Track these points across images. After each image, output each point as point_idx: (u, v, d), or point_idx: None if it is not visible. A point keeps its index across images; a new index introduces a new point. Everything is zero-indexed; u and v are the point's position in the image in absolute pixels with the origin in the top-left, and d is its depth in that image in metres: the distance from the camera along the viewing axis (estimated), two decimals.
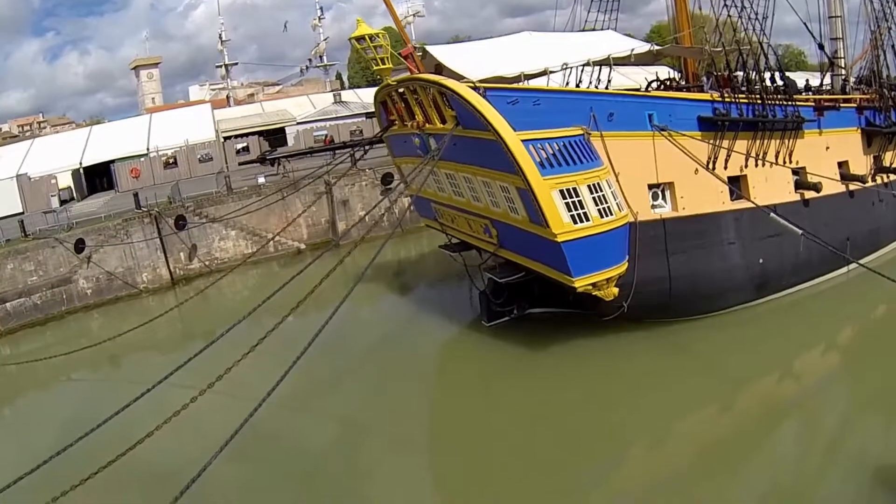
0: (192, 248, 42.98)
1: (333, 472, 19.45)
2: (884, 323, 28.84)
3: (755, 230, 26.84)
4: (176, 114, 62.76)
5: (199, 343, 32.57)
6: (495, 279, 25.32)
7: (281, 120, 59.45)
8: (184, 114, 62.06)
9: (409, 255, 41.61)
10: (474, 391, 24.23)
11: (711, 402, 22.31)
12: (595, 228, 22.00)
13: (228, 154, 54.21)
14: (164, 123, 60.49)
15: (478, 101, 21.23)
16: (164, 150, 56.23)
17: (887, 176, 35.49)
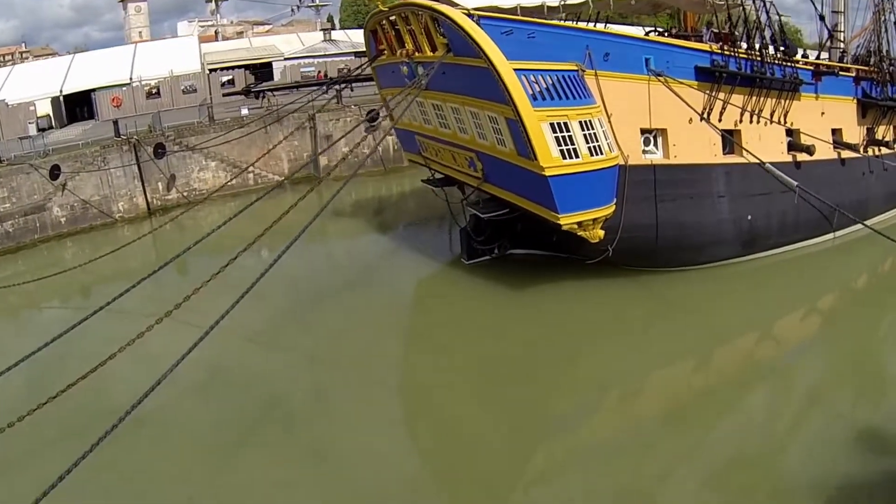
0: (170, 178, 41.94)
1: (299, 411, 18.85)
2: (865, 292, 28.76)
3: (746, 186, 26.60)
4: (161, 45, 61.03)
5: (172, 274, 32.01)
6: (478, 214, 24.74)
7: (268, 55, 58.00)
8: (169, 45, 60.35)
9: (391, 194, 40.99)
10: (448, 330, 23.71)
11: (689, 355, 21.99)
12: (584, 166, 21.48)
13: (213, 86, 52.86)
14: (148, 54, 58.77)
15: (471, 27, 20.56)
16: (148, 81, 54.69)
17: (879, 149, 35.30)
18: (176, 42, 62.21)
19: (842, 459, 15.61)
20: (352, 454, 16.47)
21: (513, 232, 26.06)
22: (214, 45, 61.81)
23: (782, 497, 14.37)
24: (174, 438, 17.14)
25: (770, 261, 28.61)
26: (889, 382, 19.97)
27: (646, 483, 15.50)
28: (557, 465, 16.75)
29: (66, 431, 16.65)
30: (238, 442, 17.14)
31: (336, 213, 37.40)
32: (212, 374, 20.21)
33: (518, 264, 26.29)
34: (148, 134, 42.92)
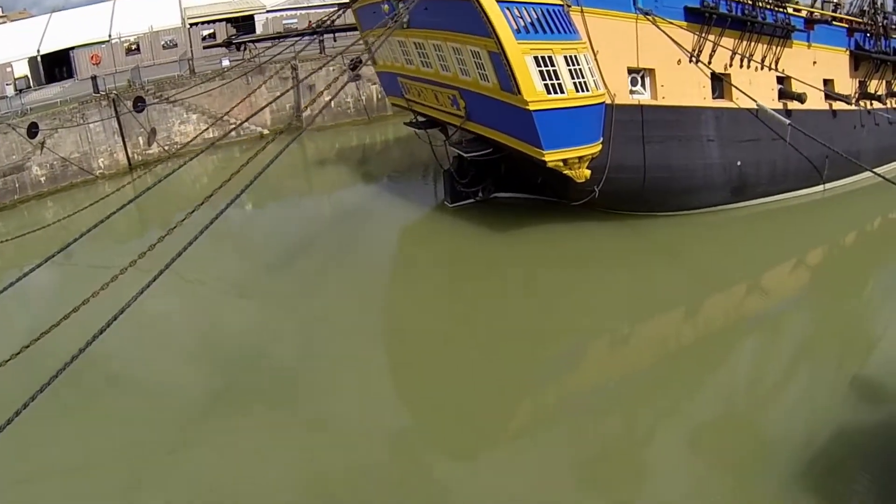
0: (150, 132, 41.00)
1: (289, 366, 18.24)
2: (855, 246, 28.46)
3: (735, 131, 26.13)
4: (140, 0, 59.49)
5: (156, 230, 31.33)
6: (461, 154, 24.13)
7: (250, 8, 56.68)
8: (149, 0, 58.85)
9: (376, 143, 40.33)
10: (432, 277, 23.35)
11: (678, 304, 21.63)
12: (569, 102, 20.90)
13: (194, 41, 51.71)
14: (127, 10, 57.15)
15: None
16: (127, 37, 53.41)
17: (871, 103, 34.82)
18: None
19: (829, 415, 15.20)
20: (341, 406, 16.00)
21: (497, 174, 25.51)
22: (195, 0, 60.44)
23: (769, 453, 13.90)
24: (161, 399, 16.53)
25: (759, 209, 28.18)
26: (877, 338, 19.53)
27: (634, 437, 15.17)
28: (546, 413, 16.45)
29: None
30: (228, 399, 16.54)
31: (321, 165, 36.82)
32: (202, 331, 19.78)
33: (503, 208, 25.77)
34: (127, 89, 41.90)
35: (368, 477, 13.61)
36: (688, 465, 13.92)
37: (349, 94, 41.76)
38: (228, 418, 15.67)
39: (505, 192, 26.18)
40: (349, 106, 41.99)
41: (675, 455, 14.21)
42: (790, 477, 13.14)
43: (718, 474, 13.56)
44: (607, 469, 13.98)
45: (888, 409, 15.34)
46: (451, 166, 25.60)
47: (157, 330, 19.62)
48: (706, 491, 13.15)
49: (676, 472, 13.70)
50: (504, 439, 15.58)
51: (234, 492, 13.34)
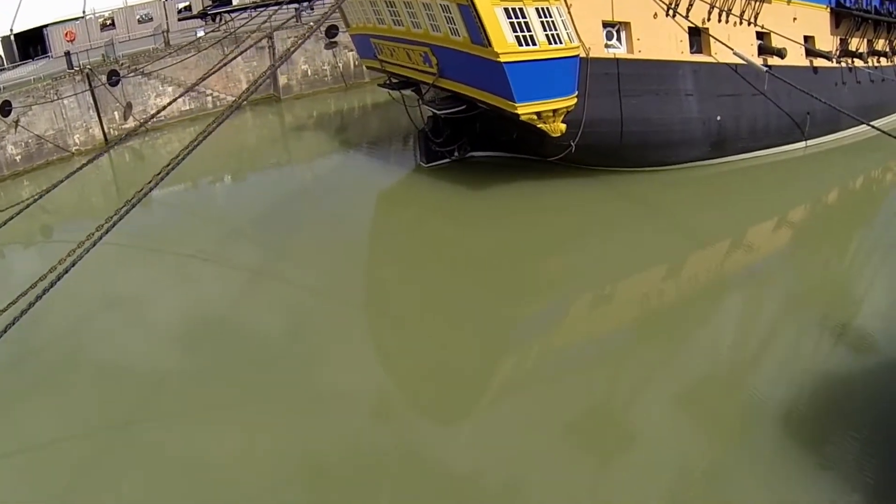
0: (126, 106, 40.30)
1: (266, 330, 17.91)
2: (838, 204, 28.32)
3: (714, 86, 25.82)
4: None
5: (135, 208, 30.93)
6: (435, 113, 23.74)
7: None
8: None
9: (353, 109, 39.80)
10: (409, 240, 23.05)
11: (659, 261, 21.33)
12: (542, 54, 20.58)
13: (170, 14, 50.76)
14: None
15: None
16: (102, 12, 52.39)
17: (852, 61, 34.53)
18: None
19: (815, 369, 15.08)
20: (325, 375, 15.73)
21: (472, 132, 25.16)
22: None
23: (757, 409, 13.76)
24: (141, 378, 16.03)
25: (741, 165, 27.93)
26: (861, 294, 19.45)
27: (620, 395, 14.95)
28: (530, 372, 16.20)
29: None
30: (207, 373, 16.13)
31: (299, 133, 36.40)
32: (182, 306, 19.36)
33: (479, 166, 25.46)
34: (102, 63, 41.18)
35: (355, 446, 13.36)
36: (675, 423, 13.69)
37: (326, 62, 41.12)
38: (211, 393, 15.31)
39: (481, 151, 25.84)
40: (326, 73, 41.35)
41: (662, 413, 13.98)
42: (778, 433, 13.00)
43: (706, 431, 13.39)
44: (593, 427, 13.79)
45: (873, 362, 15.19)
46: (425, 126, 25.21)
47: (138, 307, 19.31)
48: (694, 448, 12.98)
49: (663, 430, 13.47)
50: (489, 400, 15.39)
51: (220, 469, 12.96)
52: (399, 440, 13.66)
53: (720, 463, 12.53)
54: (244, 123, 38.64)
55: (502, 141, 24.64)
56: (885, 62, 37.73)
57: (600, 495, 12.08)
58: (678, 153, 25.51)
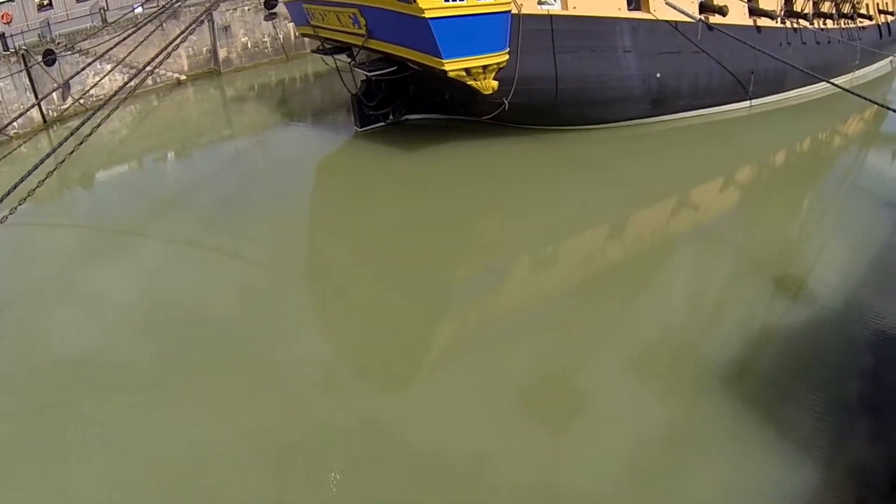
0: (65, 86, 39.05)
1: (212, 307, 17.17)
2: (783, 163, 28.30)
3: (654, 43, 25.59)
4: None
5: (77, 190, 30.06)
6: (366, 74, 23.21)
7: None
8: None
9: (295, 80, 39.10)
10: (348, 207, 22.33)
11: (602, 220, 21.04)
12: (469, 9, 20.12)
13: None
14: None
15: None
16: None
17: (798, 21, 34.50)
18: None
19: (765, 333, 14.80)
20: (271, 350, 15.10)
21: (406, 95, 24.67)
22: None
23: (707, 374, 13.36)
24: (88, 367, 15.12)
25: (682, 124, 27.78)
26: (809, 255, 19.20)
27: (568, 359, 14.44)
28: (475, 338, 15.65)
29: None
30: (154, 359, 15.23)
31: (241, 106, 35.64)
32: (124, 290, 18.37)
33: (414, 129, 25.03)
34: (38, 43, 39.91)
35: (313, 420, 12.95)
36: (629, 385, 13.34)
37: (266, 34, 40.24)
38: (161, 377, 14.51)
39: (416, 114, 25.39)
40: (266, 45, 40.48)
41: (615, 375, 13.63)
42: (732, 394, 12.74)
43: (660, 393, 13.01)
44: (546, 391, 13.39)
45: (825, 321, 14.98)
46: (358, 91, 24.65)
47: (80, 291, 18.47)
48: (649, 411, 12.62)
49: (617, 392, 13.16)
50: (439, 366, 14.90)
51: (183, 456, 12.20)
52: (355, 412, 13.09)
53: (676, 425, 12.22)
54: (186, 99, 37.72)
55: (436, 102, 24.22)
56: (832, 24, 37.83)
57: (556, 459, 11.74)
58: (617, 111, 25.28)
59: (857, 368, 13.41)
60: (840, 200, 23.36)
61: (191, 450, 12.30)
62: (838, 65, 38.61)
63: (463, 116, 24.22)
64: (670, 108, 26.91)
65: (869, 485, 10.81)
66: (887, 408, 12.39)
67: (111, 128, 38.66)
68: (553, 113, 23.98)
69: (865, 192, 23.49)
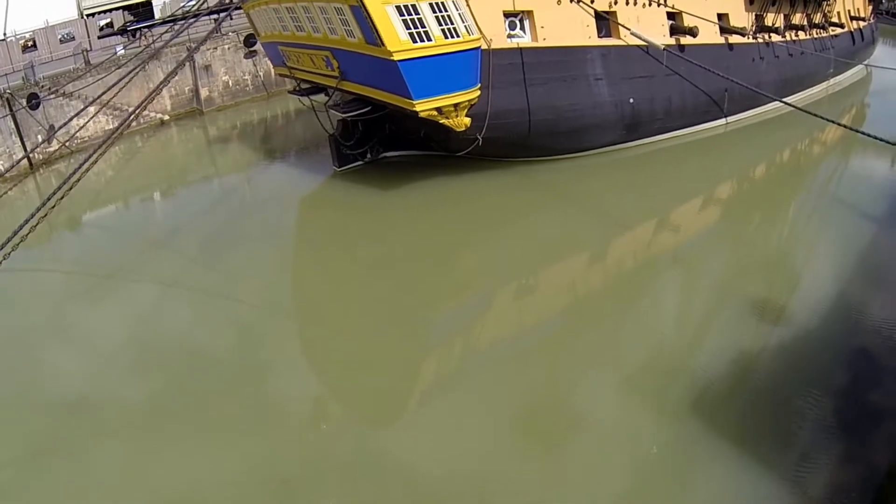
0: (49, 128, 39.33)
1: (202, 345, 17.36)
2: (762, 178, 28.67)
3: (625, 68, 25.89)
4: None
5: (64, 232, 30.21)
6: (341, 116, 23.52)
7: None
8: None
9: (277, 117, 39.39)
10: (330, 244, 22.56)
11: (582, 247, 21.28)
12: (438, 49, 20.37)
13: (91, 32, 49.75)
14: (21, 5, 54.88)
15: None
16: (23, 34, 51.18)
17: (769, 36, 34.98)
18: None
19: (751, 349, 15.12)
20: (259, 390, 15.15)
21: (382, 133, 24.96)
22: None
23: (700, 393, 13.63)
24: (80, 408, 15.23)
25: (659, 146, 28.15)
26: (789, 272, 19.49)
27: (557, 385, 14.59)
28: (464, 369, 15.82)
29: None
30: (143, 399, 15.34)
31: (224, 145, 35.91)
32: (113, 331, 18.49)
33: (392, 166, 25.32)
34: (22, 86, 40.21)
35: (307, 454, 13.15)
36: (620, 408, 13.55)
37: (247, 72, 40.60)
38: (154, 414, 14.65)
39: (393, 151, 25.66)
40: (247, 83, 40.83)
41: (606, 399, 13.84)
42: (723, 411, 13.06)
43: (652, 414, 13.25)
44: (537, 417, 13.63)
45: (812, 337, 15.27)
46: (335, 130, 24.95)
47: (73, 333, 18.59)
48: (642, 432, 12.82)
49: (609, 416, 13.35)
50: (430, 398, 15.06)
51: (180, 493, 12.40)
52: (349, 445, 13.32)
53: (669, 445, 12.44)
54: (170, 139, 38.02)
55: (412, 139, 24.48)
56: (804, 35, 38.35)
57: (551, 484, 11.89)
58: (591, 139, 25.56)
59: (838, 387, 13.67)
60: (819, 214, 23.72)
61: (186, 487, 12.43)
62: (813, 75, 39.16)
63: (439, 152, 24.49)
64: (645, 132, 27.22)
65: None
66: (869, 426, 12.65)
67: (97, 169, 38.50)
68: (527, 145, 24.24)
69: (844, 203, 23.90)
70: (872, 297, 17.18)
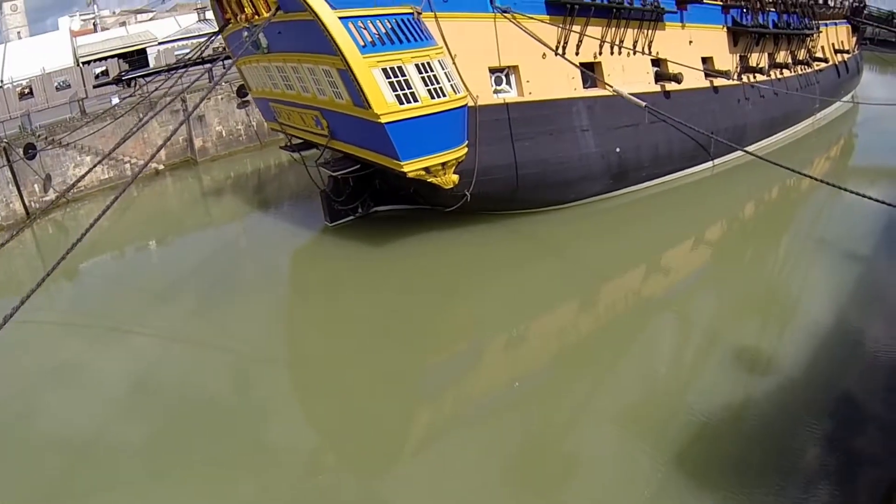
0: (46, 178, 39.73)
1: (198, 395, 17.53)
2: (750, 218, 29.06)
3: (611, 118, 26.23)
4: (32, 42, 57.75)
5: (61, 280, 30.42)
6: (331, 174, 23.85)
7: (143, 41, 55.43)
8: (41, 41, 57.17)
9: (270, 168, 39.84)
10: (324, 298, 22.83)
11: (571, 295, 21.52)
12: (424, 109, 20.72)
13: (87, 79, 50.34)
14: (19, 53, 55.38)
15: None
16: (20, 81, 51.75)
17: (754, 76, 35.48)
18: (47, 38, 59.02)
19: (744, 392, 15.35)
20: (255, 439, 15.43)
21: (372, 189, 25.29)
22: (90, 37, 58.96)
23: (692, 437, 13.85)
24: (85, 454, 15.60)
25: (646, 193, 28.45)
26: (779, 305, 19.92)
27: (552, 432, 14.82)
28: (449, 418, 16.06)
29: None
30: (152, 443, 15.66)
31: (218, 196, 36.26)
32: (111, 378, 18.82)
33: (383, 221, 25.62)
34: (19, 135, 40.66)
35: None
36: (616, 452, 13.85)
37: (240, 122, 41.12)
38: (151, 462, 14.94)
39: (384, 206, 25.97)
40: (241, 133, 41.35)
41: (602, 444, 14.15)
42: (712, 459, 13.27)
43: (649, 456, 13.45)
44: (533, 464, 13.85)
45: (805, 376, 15.55)
46: (326, 186, 25.30)
47: (72, 381, 18.91)
48: (640, 476, 13.00)
49: (605, 460, 13.66)
50: (426, 447, 15.28)
51: None
52: (343, 495, 13.55)
53: (663, 490, 12.60)
54: (165, 189, 38.44)
55: (401, 194, 24.80)
56: (788, 73, 38.89)
57: None
58: (579, 190, 25.84)
59: (826, 430, 13.90)
60: (808, 251, 24.13)
61: None
62: (798, 112, 39.66)
63: (428, 206, 24.79)
64: (632, 180, 27.53)
65: None
66: (860, 471, 12.92)
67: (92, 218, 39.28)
68: (516, 199, 24.51)
69: (832, 239, 24.11)
70: (863, 335, 17.50)
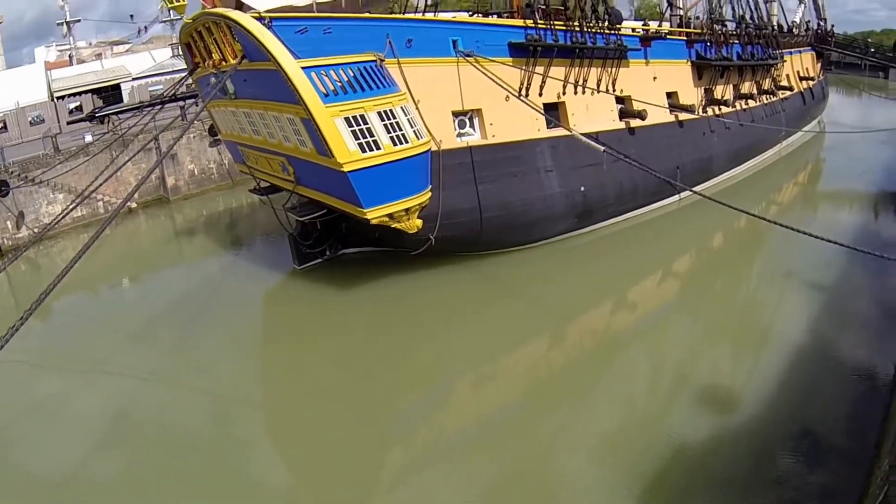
0: (18, 215, 39.67)
1: (170, 436, 17.50)
2: (717, 250, 29.60)
3: (575, 158, 26.59)
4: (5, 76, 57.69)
5: (33, 319, 30.21)
6: (297, 218, 24.09)
7: (117, 76, 55.55)
8: (14, 75, 57.04)
9: (242, 206, 40.00)
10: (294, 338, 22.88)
11: (540, 333, 21.84)
12: (387, 157, 21.01)
13: (61, 114, 50.33)
14: None
15: (258, 30, 19.84)
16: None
17: (719, 108, 36.22)
18: (21, 71, 59.01)
19: (715, 422, 15.71)
20: (229, 478, 15.50)
21: (339, 232, 25.54)
22: (64, 71, 58.96)
23: (670, 456, 14.33)
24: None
25: (612, 229, 28.90)
26: (748, 333, 20.39)
27: (528, 465, 15.01)
28: (424, 456, 16.19)
29: None
30: (126, 482, 15.77)
31: (190, 235, 36.35)
32: (94, 417, 18.85)
33: (351, 263, 25.87)
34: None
35: None
36: (581, 484, 14.18)
37: (212, 160, 41.32)
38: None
39: (351, 248, 26.23)
40: (213, 171, 41.54)
41: (566, 476, 14.49)
42: (689, 483, 13.70)
43: (617, 491, 13.76)
44: (500, 499, 14.08)
45: (775, 402, 16.00)
46: (294, 230, 25.52)
47: (47, 421, 18.90)
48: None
49: (573, 493, 14.00)
50: (394, 486, 15.44)
51: None
52: None
53: None
54: (138, 227, 38.46)
55: (368, 238, 25.08)
56: (754, 103, 39.73)
57: None
58: (543, 230, 26.20)
59: (796, 457, 14.35)
60: (775, 280, 24.67)
61: None
62: (764, 141, 40.49)
63: (393, 248, 25.08)
64: (598, 217, 27.94)
65: None
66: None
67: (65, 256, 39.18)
68: (480, 241, 24.80)
69: (799, 266, 24.64)
70: (829, 360, 18.04)
